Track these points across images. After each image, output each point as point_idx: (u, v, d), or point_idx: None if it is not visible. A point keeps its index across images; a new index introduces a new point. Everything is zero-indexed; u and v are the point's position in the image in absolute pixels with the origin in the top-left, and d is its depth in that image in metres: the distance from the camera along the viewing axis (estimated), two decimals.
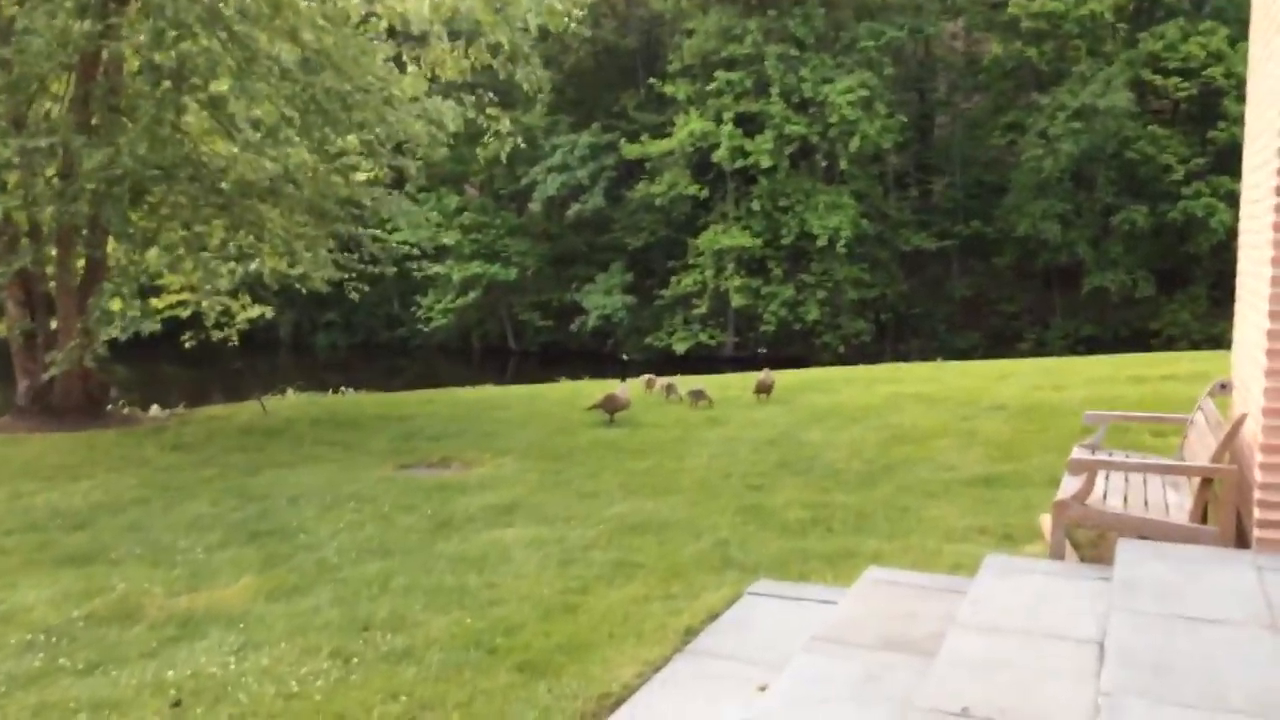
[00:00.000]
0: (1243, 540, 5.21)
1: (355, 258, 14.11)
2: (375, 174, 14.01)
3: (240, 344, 15.97)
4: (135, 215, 12.45)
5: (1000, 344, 33.22)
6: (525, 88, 14.00)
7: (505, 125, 14.32)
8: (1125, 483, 6.05)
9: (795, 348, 34.02)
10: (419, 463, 10.21)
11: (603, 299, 36.25)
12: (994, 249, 35.60)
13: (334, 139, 12.42)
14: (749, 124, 34.77)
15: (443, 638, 5.27)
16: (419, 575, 6.35)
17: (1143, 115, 33.10)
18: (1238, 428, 5.41)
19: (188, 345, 15.38)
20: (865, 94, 33.31)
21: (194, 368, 28.49)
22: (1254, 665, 3.58)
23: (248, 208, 12.51)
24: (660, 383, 14.12)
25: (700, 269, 35.30)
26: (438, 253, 36.54)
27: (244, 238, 13.20)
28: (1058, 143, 31.91)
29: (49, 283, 13.11)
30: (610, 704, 4.44)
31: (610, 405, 11.97)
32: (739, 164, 34.53)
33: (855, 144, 33.37)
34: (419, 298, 38.33)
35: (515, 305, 38.77)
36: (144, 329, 11.71)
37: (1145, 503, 5.66)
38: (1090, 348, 29.80)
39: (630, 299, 36.26)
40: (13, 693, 4.82)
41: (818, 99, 33.83)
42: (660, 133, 36.12)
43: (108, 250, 12.97)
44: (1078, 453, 6.48)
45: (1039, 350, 31.25)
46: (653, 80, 37.53)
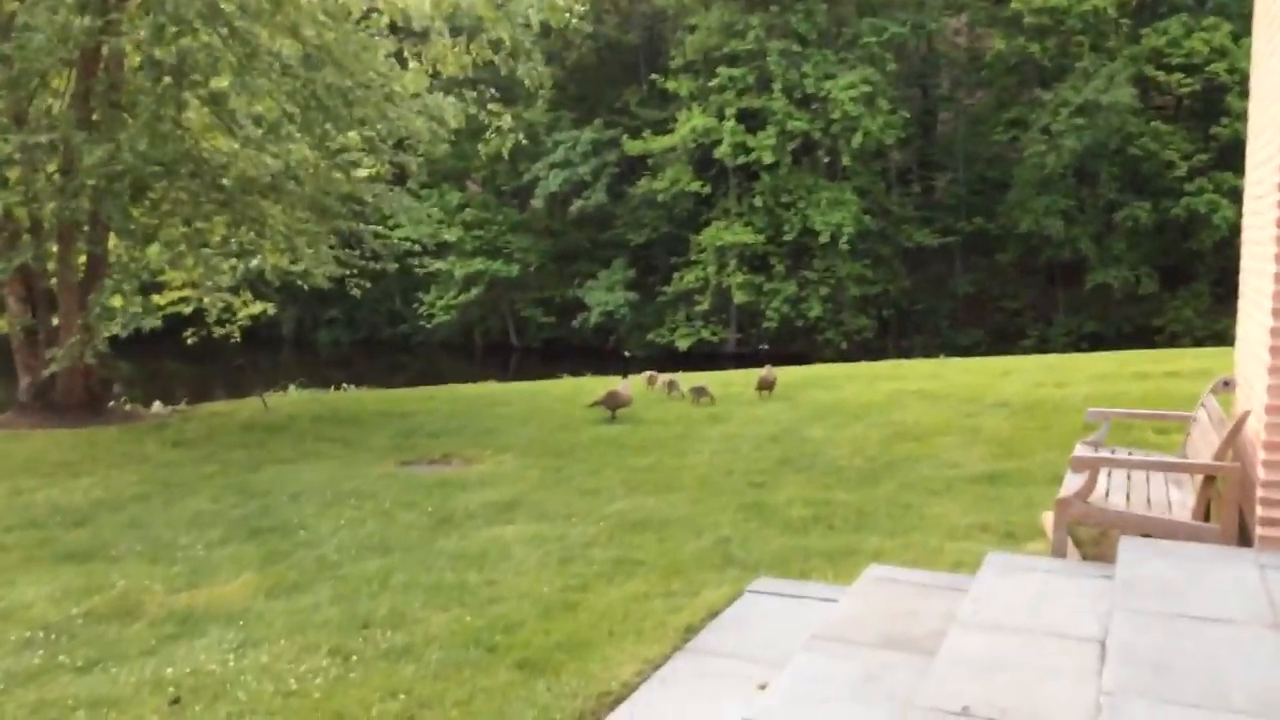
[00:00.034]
0: (1245, 538, 5.19)
1: (357, 254, 14.10)
2: (376, 170, 13.99)
3: (243, 340, 15.97)
4: (136, 211, 12.43)
5: (1003, 341, 33.19)
6: (527, 84, 13.99)
7: (507, 121, 14.31)
8: (1128, 480, 6.02)
9: (798, 344, 34.00)
10: (420, 459, 10.20)
11: (605, 295, 36.22)
12: (997, 245, 35.54)
13: (335, 135, 12.40)
14: (751, 120, 34.72)
15: (442, 635, 5.26)
16: (419, 572, 6.33)
17: (1146, 111, 33.06)
18: (1240, 425, 5.38)
19: (190, 342, 15.38)
20: (868, 90, 33.25)
21: (196, 364, 28.53)
22: (1256, 665, 3.55)
23: (249, 204, 12.50)
24: (662, 379, 14.10)
25: (702, 265, 35.26)
26: (440, 249, 36.53)
27: (245, 234, 13.19)
28: (1060, 139, 31.85)
29: (50, 279, 13.11)
30: (610, 702, 4.42)
31: (612, 402, 11.95)
32: (741, 160, 34.48)
33: (858, 140, 33.32)
34: (421, 294, 38.33)
35: (517, 302, 38.77)
36: (145, 325, 11.70)
37: (1148, 500, 5.64)
38: (1093, 344, 29.75)
39: (632, 295, 36.22)
40: (11, 690, 4.82)
41: (820, 95, 33.77)
42: (662, 129, 36.08)
43: (109, 247, 12.95)
44: (1080, 450, 6.46)
45: (1042, 347, 31.22)
46: (655, 76, 37.49)
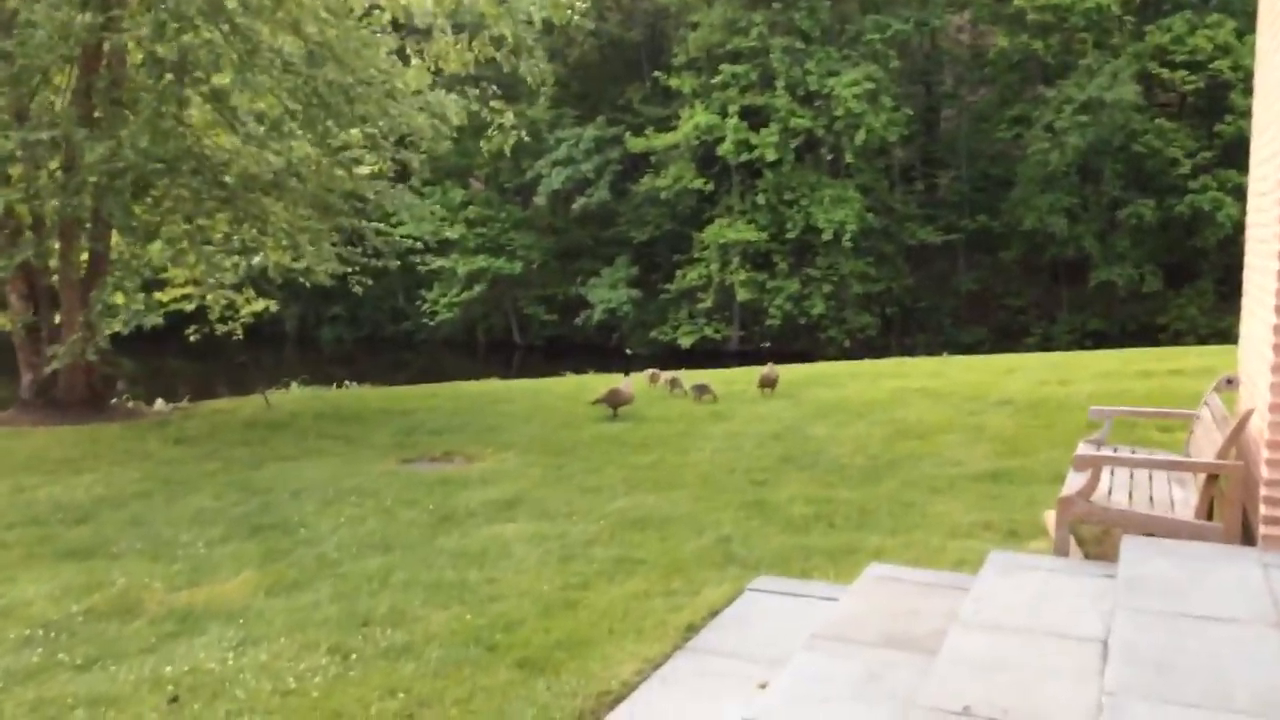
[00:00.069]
0: (1249, 537, 5.16)
1: (359, 251, 14.08)
2: (378, 167, 13.97)
3: (245, 337, 15.95)
4: (138, 209, 12.42)
5: (1006, 338, 33.15)
6: (529, 81, 13.96)
7: (509, 119, 14.28)
8: (1130, 479, 6.00)
9: (800, 342, 33.98)
10: (421, 457, 10.18)
11: (608, 293, 36.20)
12: (1000, 243, 35.49)
13: (336, 132, 12.38)
14: (754, 117, 34.68)
15: (442, 634, 5.24)
16: (419, 570, 6.32)
17: (1149, 108, 33.01)
18: (1244, 423, 5.36)
19: (192, 339, 15.38)
20: (871, 87, 33.21)
21: (199, 361, 28.53)
22: (1260, 664, 3.53)
23: (251, 201, 12.48)
24: (664, 377, 14.08)
25: (705, 263, 35.22)
26: (442, 247, 36.53)
27: (247, 231, 13.18)
28: (1064, 136, 31.80)
29: (52, 276, 13.10)
30: (609, 701, 4.40)
31: (614, 400, 11.93)
32: (744, 157, 34.44)
33: (861, 137, 33.27)
34: (424, 292, 38.32)
35: (520, 299, 38.77)
36: (146, 323, 11.69)
37: (1150, 499, 5.62)
38: (1097, 342, 29.72)
39: (635, 293, 36.20)
40: (10, 688, 4.81)
41: (823, 92, 33.73)
42: (665, 126, 36.06)
43: (111, 244, 12.94)
44: (1083, 449, 6.43)
45: (1046, 345, 31.18)
46: (658, 73, 37.46)
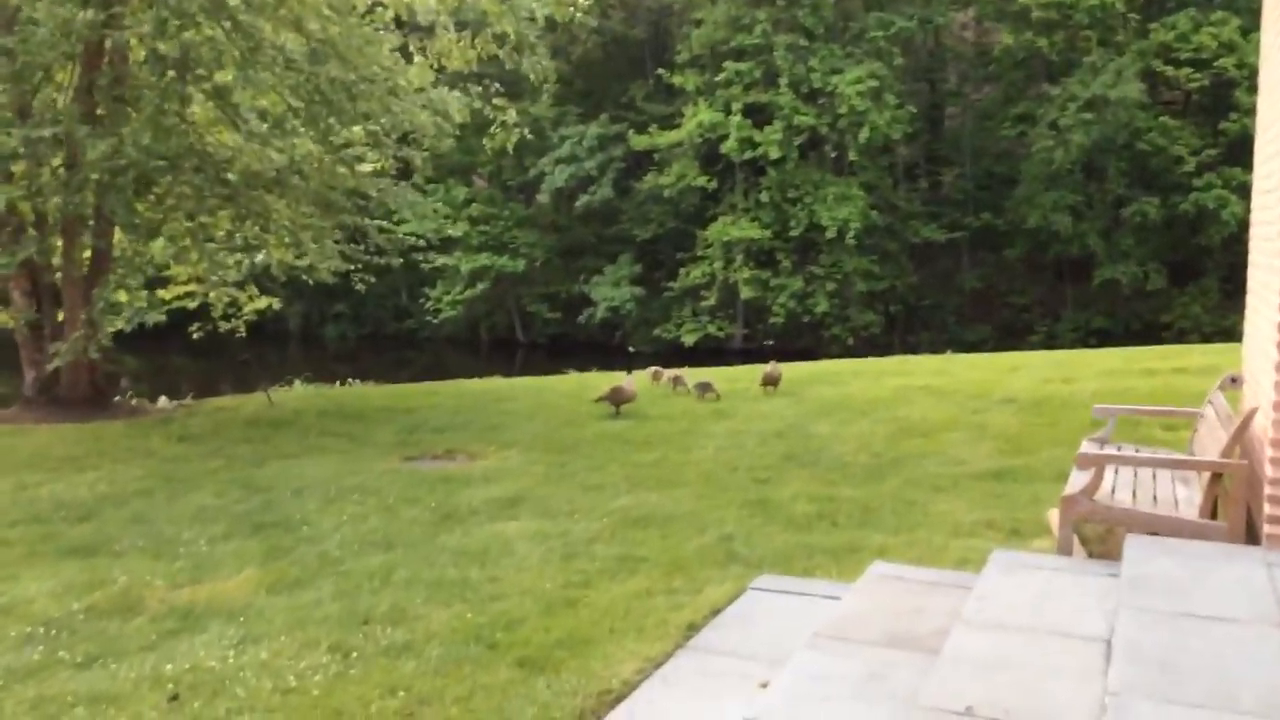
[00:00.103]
0: (1253, 536, 5.14)
1: (362, 249, 14.07)
2: (381, 165, 13.96)
3: (249, 335, 15.94)
4: (141, 206, 12.42)
5: (1011, 336, 33.10)
6: (531, 78, 13.94)
7: (512, 116, 14.26)
8: (1134, 477, 5.98)
9: (804, 340, 33.95)
10: (424, 455, 10.17)
11: (611, 291, 36.17)
12: (1004, 241, 35.42)
13: (339, 129, 12.37)
14: (758, 115, 34.64)
15: (443, 632, 5.23)
16: (421, 568, 6.30)
17: (1154, 106, 32.92)
18: (1248, 422, 5.34)
19: (196, 337, 15.37)
20: (874, 84, 33.15)
21: (204, 358, 28.54)
22: (1264, 664, 3.51)
23: (253, 198, 12.47)
24: (667, 375, 14.06)
25: (709, 261, 35.19)
26: (445, 244, 36.51)
27: (250, 229, 13.17)
28: (1068, 134, 31.73)
29: (55, 274, 13.10)
30: (610, 700, 4.39)
31: (617, 397, 11.91)
32: (748, 155, 34.39)
33: (864, 135, 33.21)
34: (427, 289, 38.31)
35: (523, 297, 38.75)
36: (148, 320, 11.69)
37: (1154, 498, 5.59)
38: (1101, 340, 29.67)
39: (639, 291, 36.16)
40: (11, 686, 4.80)
41: (827, 89, 33.68)
42: (669, 124, 36.02)
43: (113, 241, 12.94)
44: (1086, 447, 6.41)
45: (1050, 343, 31.14)
46: (661, 71, 37.41)
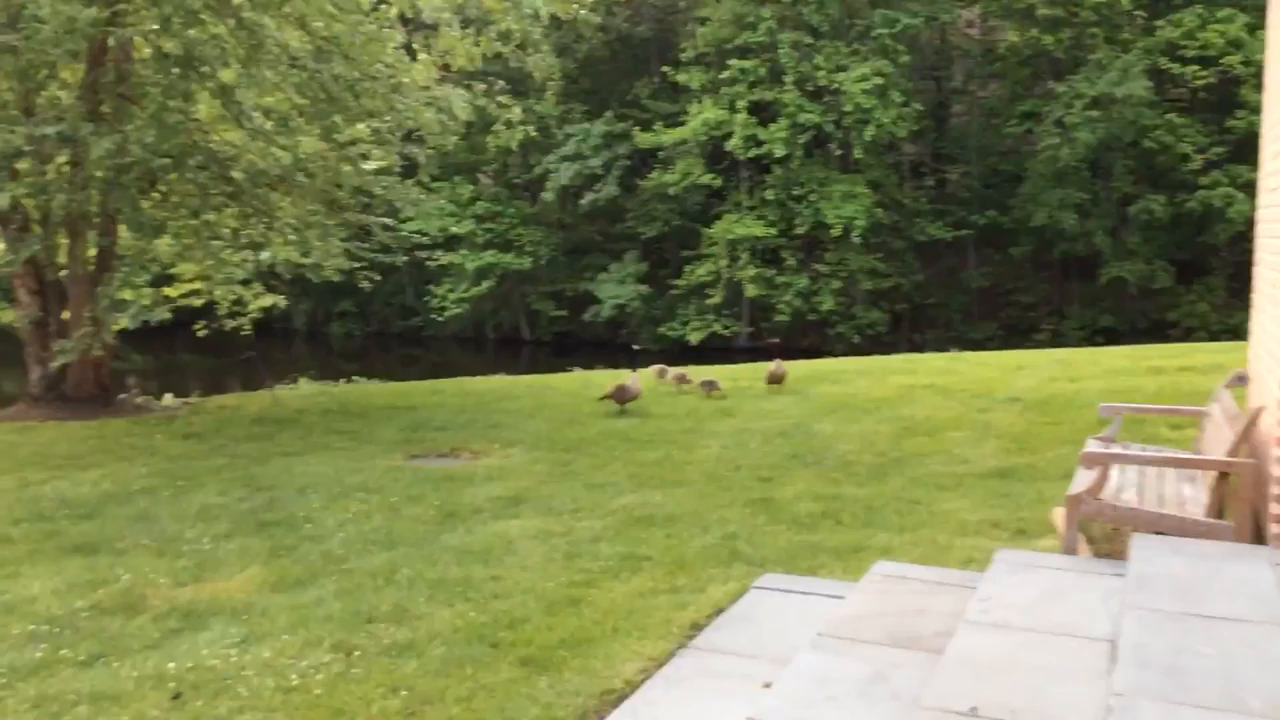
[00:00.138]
0: (1260, 536, 5.11)
1: (367, 247, 14.06)
2: (386, 163, 13.94)
3: (256, 333, 15.91)
4: (146, 204, 12.42)
5: (1017, 335, 33.02)
6: (535, 75, 13.94)
7: (516, 114, 14.24)
8: (1140, 476, 5.94)
9: (810, 338, 33.88)
10: (428, 453, 10.17)
11: (616, 289, 36.11)
12: (1010, 239, 35.31)
13: (343, 127, 12.35)
14: (763, 113, 34.54)
15: (445, 631, 5.21)
16: (424, 567, 6.30)
17: (1160, 104, 32.79)
18: (1254, 421, 5.30)
19: (201, 334, 15.38)
20: (880, 82, 33.03)
21: (211, 356, 28.55)
22: (1272, 666, 3.48)
23: (258, 196, 12.47)
24: (672, 373, 14.05)
25: (714, 259, 35.09)
26: (451, 242, 36.48)
27: (255, 227, 13.17)
28: (1074, 132, 31.61)
29: (60, 271, 13.11)
30: (613, 700, 4.37)
31: (621, 395, 11.90)
32: (752, 153, 34.28)
33: (870, 133, 33.10)
34: (433, 287, 38.29)
35: (529, 295, 38.71)
36: (153, 318, 11.69)
37: (1160, 497, 5.56)
38: (1108, 339, 29.58)
39: (644, 289, 36.09)
40: (14, 684, 4.79)
41: (832, 87, 33.60)
42: (674, 121, 35.92)
43: (118, 239, 12.94)
44: (1092, 446, 6.38)
45: (1056, 341, 31.03)
46: (666, 69, 37.32)
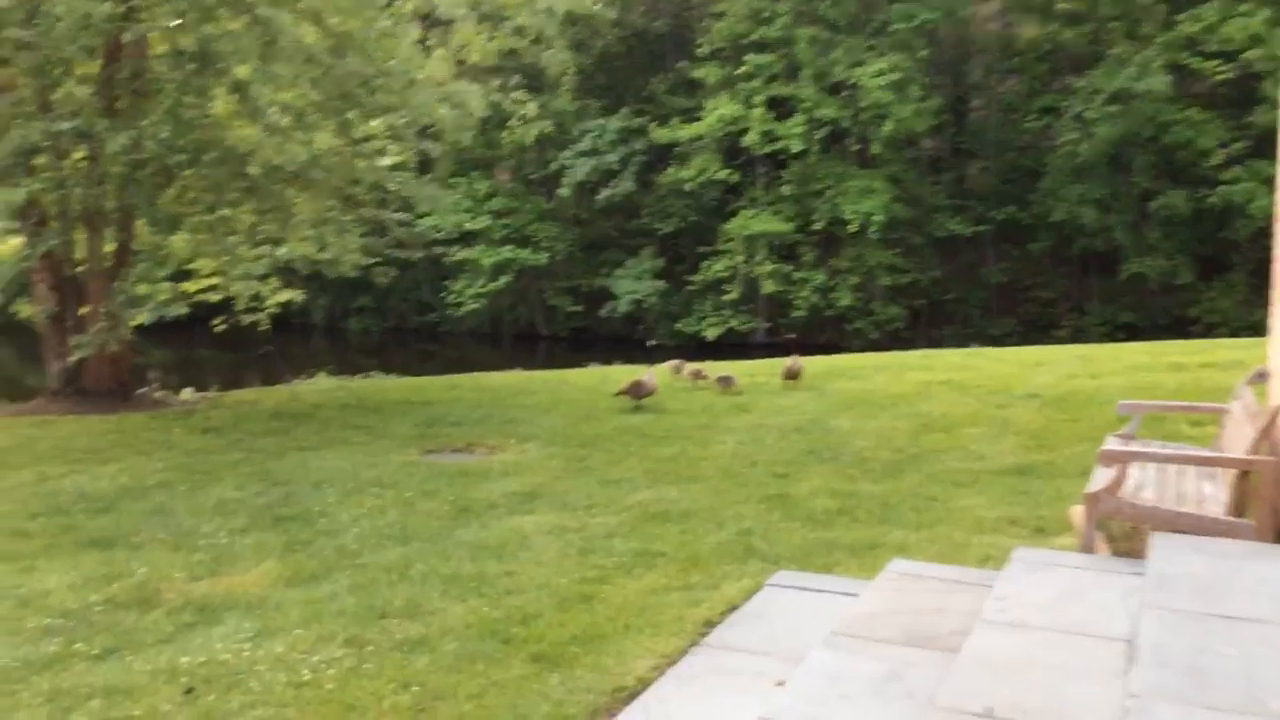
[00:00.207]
0: None
1: (384, 242, 14.07)
2: (401, 158, 13.95)
3: (274, 328, 15.93)
4: (162, 199, 12.46)
5: (1036, 331, 32.82)
6: (550, 71, 13.94)
7: (531, 110, 14.23)
8: (1160, 474, 5.87)
9: (827, 334, 33.77)
10: (443, 448, 10.17)
11: (633, 284, 36.06)
12: (1029, 234, 35.10)
13: (358, 123, 12.36)
14: (780, 108, 34.42)
15: (458, 627, 5.20)
16: (438, 562, 6.29)
17: (1180, 99, 32.49)
18: (1276, 418, 5.23)
19: (219, 330, 15.41)
20: (898, 77, 32.84)
21: (230, 351, 28.69)
22: None
23: (274, 192, 12.50)
24: (688, 368, 14.02)
25: (731, 254, 35.01)
26: (468, 237, 36.50)
27: (271, 222, 13.20)
28: (1094, 127, 31.40)
29: (78, 266, 13.17)
30: (624, 698, 4.34)
31: (637, 391, 11.88)
32: (769, 148, 34.17)
33: (888, 128, 32.94)
34: (450, 283, 38.32)
35: (546, 290, 38.70)
36: (169, 313, 11.72)
37: (1180, 495, 5.49)
38: (1129, 335, 29.37)
39: (661, 284, 36.03)
40: (28, 678, 4.80)
41: (849, 82, 33.44)
42: (690, 117, 35.81)
43: (135, 234, 12.99)
44: (1111, 443, 6.31)
45: (1076, 337, 30.84)
46: (682, 64, 37.20)
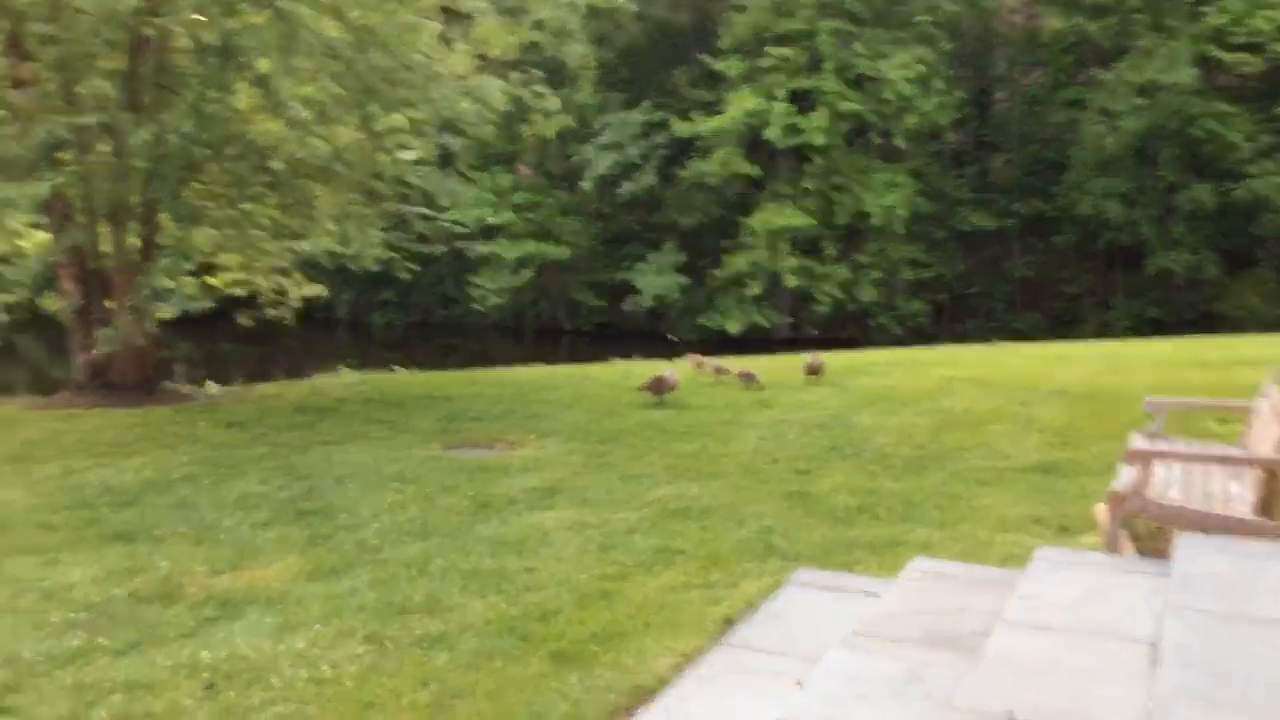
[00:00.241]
0: None
1: (407, 237, 14.09)
2: (423, 153, 13.95)
3: (300, 322, 16.01)
4: (187, 193, 12.52)
5: (1061, 326, 32.62)
6: (571, 64, 13.91)
7: (553, 104, 14.20)
8: (1185, 473, 5.81)
9: (850, 329, 33.67)
10: (464, 443, 10.17)
11: (655, 279, 36.01)
12: (1054, 228, 34.88)
13: (380, 117, 12.37)
14: (802, 101, 34.26)
15: (477, 623, 5.20)
16: (458, 558, 6.28)
17: (1207, 91, 32.16)
18: None
19: (244, 323, 15.50)
20: (922, 70, 32.71)
21: (256, 345, 28.87)
22: None
23: (297, 186, 12.54)
24: (710, 364, 14.00)
25: (753, 249, 34.90)
26: (491, 232, 36.55)
27: (294, 217, 13.24)
28: (1120, 120, 31.15)
29: (103, 260, 13.25)
30: (643, 697, 4.32)
31: (658, 387, 11.87)
32: (792, 142, 34.02)
33: (911, 121, 32.81)
34: (473, 277, 38.38)
35: (569, 285, 38.70)
36: (192, 307, 11.78)
37: (1206, 494, 5.43)
38: (1155, 330, 29.14)
39: (683, 279, 35.96)
40: (51, 672, 4.83)
41: (873, 75, 33.25)
42: (712, 110, 35.70)
43: (159, 228, 13.06)
44: (1136, 441, 6.25)
45: (1102, 332, 30.61)
46: (704, 57, 37.09)
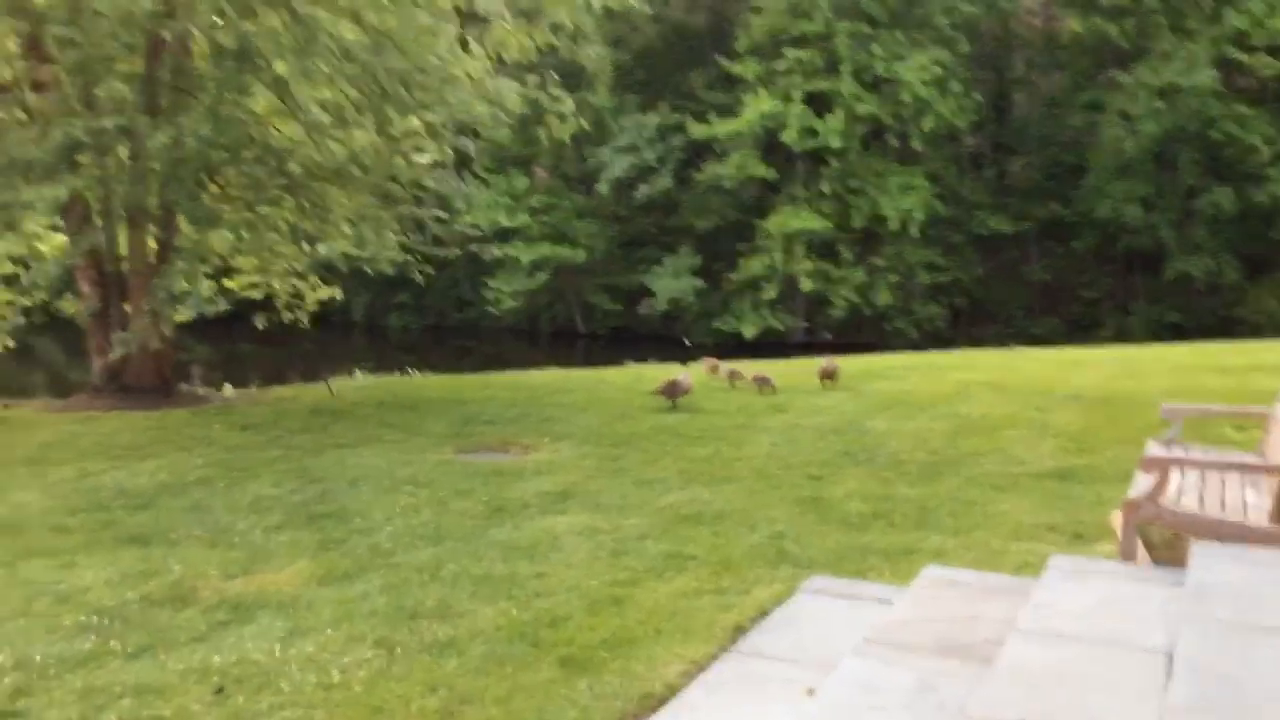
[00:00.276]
0: None
1: (422, 240, 14.12)
2: (439, 156, 13.98)
3: (315, 325, 16.07)
4: (204, 196, 12.58)
5: (1079, 330, 32.47)
6: (588, 67, 13.91)
7: (569, 106, 14.20)
8: (1201, 480, 5.75)
9: (866, 333, 33.55)
10: (478, 447, 10.17)
11: (671, 282, 35.99)
12: (1072, 232, 34.70)
13: (396, 120, 12.40)
14: (819, 103, 34.19)
15: (488, 629, 5.18)
16: (469, 563, 6.28)
17: (1227, 94, 31.92)
18: None
19: (260, 326, 15.55)
20: (939, 72, 32.60)
21: (272, 347, 28.99)
22: None
23: (313, 189, 12.58)
24: (724, 368, 13.97)
25: (769, 252, 34.83)
26: (506, 234, 36.60)
27: (310, 220, 13.29)
28: (1139, 123, 30.97)
29: (120, 263, 13.33)
30: (652, 704, 4.30)
31: (672, 391, 11.85)
32: (808, 145, 33.95)
33: (929, 124, 32.69)
34: (488, 280, 38.44)
35: (584, 288, 38.72)
36: (209, 310, 11.83)
37: (1222, 502, 5.38)
38: (1174, 335, 28.95)
39: (699, 282, 35.92)
40: (62, 675, 4.84)
41: (890, 77, 33.15)
42: (729, 113, 35.66)
43: (176, 231, 13.12)
44: (1152, 448, 6.20)
45: (1121, 337, 30.44)
46: (720, 59, 37.04)
